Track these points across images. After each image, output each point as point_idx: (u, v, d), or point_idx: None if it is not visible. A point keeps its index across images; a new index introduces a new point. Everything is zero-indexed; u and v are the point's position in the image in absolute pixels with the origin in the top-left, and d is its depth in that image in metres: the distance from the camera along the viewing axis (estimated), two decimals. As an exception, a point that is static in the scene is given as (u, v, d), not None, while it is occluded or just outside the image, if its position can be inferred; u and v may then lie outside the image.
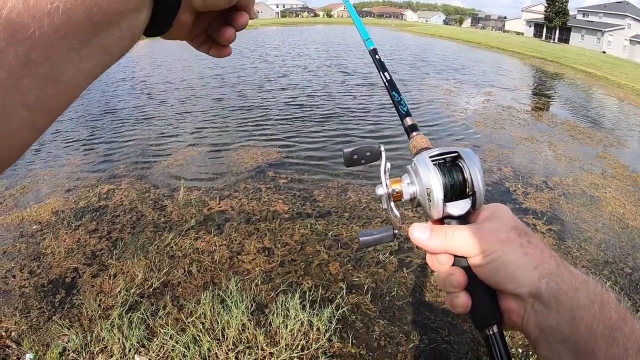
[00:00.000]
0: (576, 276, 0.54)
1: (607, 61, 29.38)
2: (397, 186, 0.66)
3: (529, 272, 0.53)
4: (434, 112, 10.66)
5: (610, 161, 7.80)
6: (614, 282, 4.22)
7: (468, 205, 0.63)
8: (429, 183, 0.61)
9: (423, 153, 0.66)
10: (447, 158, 0.65)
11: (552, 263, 0.54)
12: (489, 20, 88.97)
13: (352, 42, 32.07)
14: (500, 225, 0.58)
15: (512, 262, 0.55)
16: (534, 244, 0.56)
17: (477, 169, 0.62)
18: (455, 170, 0.63)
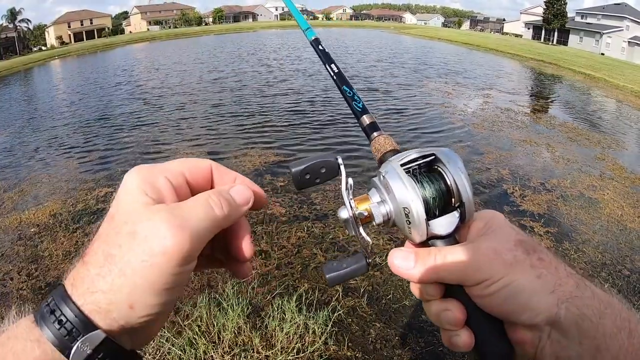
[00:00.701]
0: (600, 297, 0.45)
1: (605, 63, 29.37)
2: (364, 207, 0.54)
3: (545, 298, 0.44)
4: (433, 114, 10.68)
5: (609, 163, 7.80)
6: (612, 284, 4.21)
7: (456, 220, 0.52)
8: (405, 200, 0.50)
9: (392, 160, 0.54)
10: (422, 164, 0.55)
11: (570, 283, 0.46)
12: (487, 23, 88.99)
13: (351, 44, 32.15)
14: (502, 242, 0.48)
15: (525, 288, 0.45)
16: (546, 262, 0.47)
17: (462, 173, 0.52)
18: (434, 178, 0.53)
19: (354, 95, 0.69)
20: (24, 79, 25.44)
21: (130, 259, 0.40)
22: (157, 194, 0.44)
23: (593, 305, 0.44)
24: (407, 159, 0.54)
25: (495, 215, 0.53)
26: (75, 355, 0.38)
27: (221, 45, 35.34)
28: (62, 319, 0.39)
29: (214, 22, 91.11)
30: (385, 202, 0.53)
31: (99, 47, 46.61)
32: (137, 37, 57.30)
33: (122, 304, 0.40)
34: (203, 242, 0.43)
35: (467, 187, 0.51)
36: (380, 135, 0.64)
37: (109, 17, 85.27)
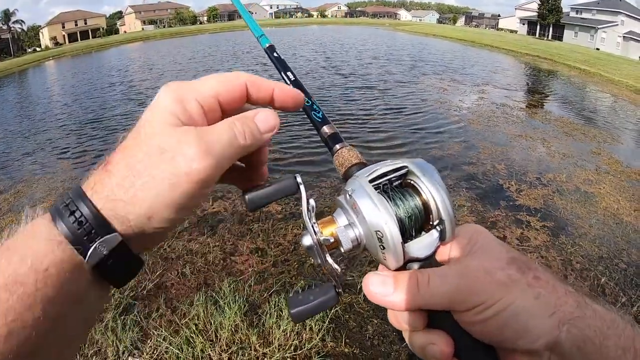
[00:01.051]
0: (602, 316, 0.41)
1: (600, 58, 29.48)
2: (330, 231, 0.49)
3: (545, 320, 0.40)
4: (428, 111, 10.67)
5: (604, 157, 7.82)
6: (609, 278, 4.22)
7: (436, 240, 0.47)
8: (377, 222, 0.45)
9: (359, 176, 0.49)
10: (393, 178, 0.50)
11: (570, 302, 0.41)
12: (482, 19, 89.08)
13: (347, 42, 32.12)
14: (493, 260, 0.44)
15: (523, 311, 0.41)
16: (543, 281, 0.42)
17: (440, 186, 0.47)
18: (409, 193, 0.48)
19: (313, 105, 0.63)
20: (18, 81, 25.34)
21: (155, 175, 0.41)
22: (187, 116, 0.44)
23: (595, 326, 0.41)
24: (375, 174, 0.49)
25: (479, 230, 0.49)
26: (91, 256, 0.40)
27: (216, 44, 35.25)
28: (82, 220, 0.40)
29: (209, 20, 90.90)
30: (353, 225, 0.48)
31: (94, 47, 46.45)
32: (132, 37, 57.10)
33: (141, 215, 0.41)
34: (224, 168, 0.44)
35: (447, 202, 0.47)
36: (344, 148, 0.58)
37: (103, 17, 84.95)
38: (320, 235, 0.48)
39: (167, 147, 0.41)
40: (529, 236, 4.86)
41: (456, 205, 5.45)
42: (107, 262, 0.40)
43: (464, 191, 5.89)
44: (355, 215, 0.47)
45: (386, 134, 8.58)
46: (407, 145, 7.94)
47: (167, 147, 0.41)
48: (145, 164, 0.41)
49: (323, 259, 0.49)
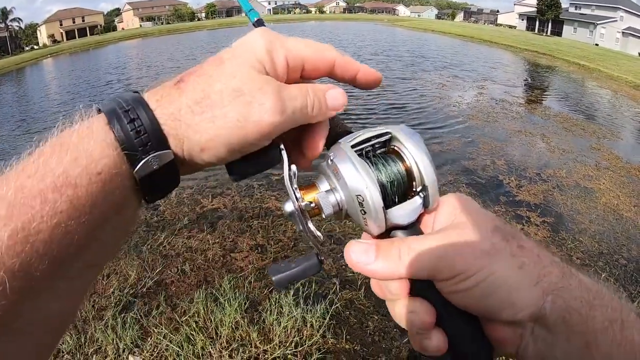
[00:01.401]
0: (588, 287, 0.40)
1: (599, 53, 29.43)
2: (311, 197, 0.48)
3: (529, 291, 0.39)
4: (427, 106, 10.65)
5: (604, 153, 7.82)
6: (609, 274, 4.23)
7: (419, 207, 0.46)
8: (358, 186, 0.43)
9: (341, 142, 0.47)
10: (376, 144, 0.48)
11: (555, 272, 0.40)
12: (481, 14, 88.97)
13: (345, 38, 32.06)
14: (476, 229, 0.42)
15: (505, 281, 0.39)
16: (527, 249, 0.41)
17: (423, 152, 0.46)
18: (392, 159, 0.47)
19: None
20: (16, 79, 25.25)
21: (227, 112, 0.41)
22: (272, 69, 0.44)
23: (581, 297, 0.39)
24: (358, 139, 0.47)
25: (463, 198, 0.47)
26: (141, 168, 0.39)
27: (214, 40, 35.20)
28: (141, 129, 0.39)
29: (207, 17, 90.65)
30: (335, 190, 0.47)
31: (91, 44, 46.31)
32: (130, 34, 56.98)
33: (197, 144, 0.41)
34: (285, 130, 0.44)
35: (430, 167, 0.46)
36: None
37: (101, 15, 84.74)
38: (301, 201, 0.47)
39: (246, 90, 0.41)
40: (529, 232, 4.86)
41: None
42: (153, 177, 0.40)
43: (464, 187, 5.88)
44: (336, 180, 0.46)
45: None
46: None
47: (246, 90, 0.41)
48: (222, 97, 0.41)
49: (305, 225, 0.48)
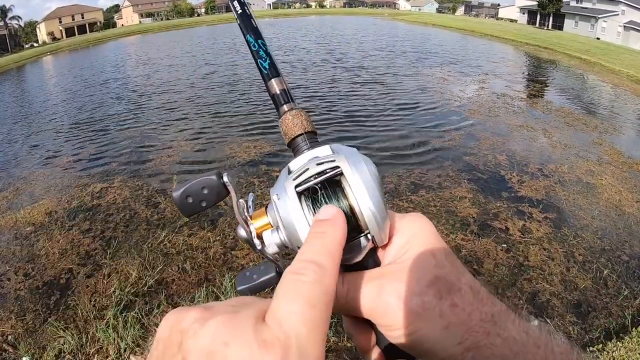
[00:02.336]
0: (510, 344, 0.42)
1: (601, 47, 29.29)
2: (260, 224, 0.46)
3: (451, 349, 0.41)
4: (429, 100, 10.63)
5: (606, 147, 7.79)
6: (611, 270, 4.21)
7: (366, 247, 0.44)
8: (297, 238, 0.42)
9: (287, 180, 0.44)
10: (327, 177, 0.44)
11: (480, 331, 0.41)
12: (482, 8, 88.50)
13: (347, 33, 31.90)
14: (413, 281, 0.41)
15: (429, 339, 0.41)
16: (460, 307, 0.41)
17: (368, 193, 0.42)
18: (338, 197, 0.43)
19: (260, 49, 0.54)
20: (16, 77, 25.23)
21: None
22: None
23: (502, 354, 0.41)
24: (305, 176, 0.43)
25: (417, 231, 0.46)
26: None
27: (214, 36, 35.08)
28: None
29: (207, 12, 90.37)
30: (279, 230, 0.45)
31: (91, 41, 46.23)
32: (129, 30, 56.83)
33: None
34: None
35: (375, 214, 0.42)
36: (290, 112, 0.51)
37: (100, 11, 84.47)
38: (253, 235, 0.46)
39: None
40: (531, 228, 4.84)
41: (457, 196, 5.44)
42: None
43: (466, 182, 5.86)
44: (280, 222, 0.44)
45: (387, 127, 8.55)
46: (408, 136, 7.89)
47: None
48: None
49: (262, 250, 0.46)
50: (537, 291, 3.92)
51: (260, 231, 0.46)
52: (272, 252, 0.46)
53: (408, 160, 6.74)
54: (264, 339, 0.28)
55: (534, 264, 4.27)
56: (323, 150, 0.47)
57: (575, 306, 3.77)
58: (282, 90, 0.52)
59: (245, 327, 0.29)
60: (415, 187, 5.76)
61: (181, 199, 0.46)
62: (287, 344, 0.28)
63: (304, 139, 0.50)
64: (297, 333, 0.29)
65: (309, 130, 0.50)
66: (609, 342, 3.30)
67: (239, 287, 0.48)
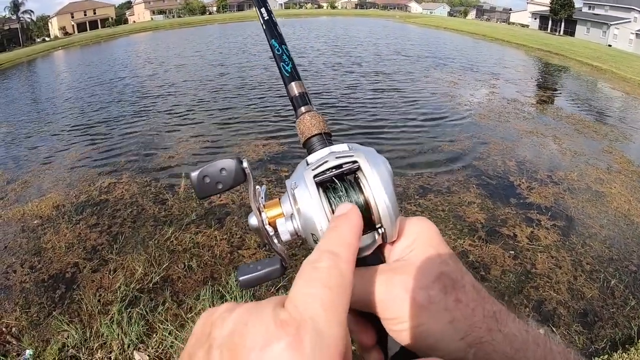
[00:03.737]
0: (512, 341, 0.43)
1: (612, 54, 29.11)
2: (273, 214, 0.47)
3: (454, 344, 0.41)
4: (438, 104, 10.59)
5: (616, 156, 7.72)
6: (618, 280, 4.17)
7: (375, 242, 0.45)
8: (314, 226, 0.43)
9: (306, 169, 0.45)
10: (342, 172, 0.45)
11: (483, 327, 0.42)
12: (494, 12, 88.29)
13: (360, 36, 31.84)
14: (420, 275, 0.42)
15: (434, 333, 0.41)
16: (463, 303, 0.42)
17: (384, 190, 0.44)
18: (353, 190, 0.45)
19: (283, 54, 0.57)
20: (27, 71, 25.42)
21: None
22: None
23: (503, 351, 0.42)
24: (323, 167, 0.45)
25: (422, 232, 0.47)
26: None
27: (225, 35, 35.17)
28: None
29: (218, 11, 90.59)
30: (294, 218, 0.45)
31: (102, 37, 46.53)
32: (141, 27, 57.07)
33: None
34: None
35: (390, 209, 0.43)
36: (307, 113, 0.53)
37: (112, 7, 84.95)
38: (265, 222, 0.47)
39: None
40: (539, 235, 4.81)
41: (466, 201, 5.41)
42: None
43: (474, 187, 5.83)
44: (295, 210, 0.45)
45: (394, 127, 8.53)
46: (417, 140, 7.87)
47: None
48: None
49: (270, 239, 0.47)
50: (544, 299, 3.89)
51: (273, 220, 0.47)
52: (285, 240, 0.46)
53: (417, 163, 6.72)
54: (281, 319, 0.29)
55: (542, 271, 4.24)
56: (340, 147, 0.48)
57: (582, 315, 3.74)
58: (301, 93, 0.55)
59: (265, 310, 0.31)
60: (424, 191, 5.74)
61: (199, 178, 0.47)
62: (303, 323, 0.29)
63: (321, 138, 0.52)
64: (313, 314, 0.30)
65: (325, 131, 0.52)
66: (615, 353, 3.27)
67: (240, 276, 0.47)
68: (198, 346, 0.32)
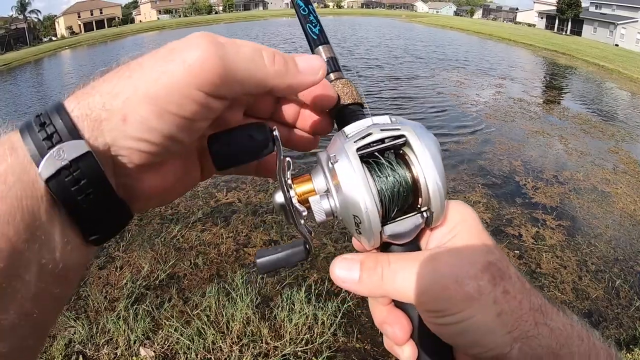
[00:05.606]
0: (557, 336, 0.41)
1: (619, 54, 28.95)
2: (304, 190, 0.42)
3: (500, 337, 0.39)
4: (444, 103, 10.58)
5: (622, 156, 7.69)
6: (623, 281, 4.16)
7: (420, 225, 0.42)
8: (357, 206, 0.38)
9: (347, 140, 0.40)
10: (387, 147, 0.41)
11: (530, 321, 0.40)
12: (500, 12, 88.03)
13: (367, 35, 31.79)
14: (467, 264, 0.40)
15: (481, 326, 0.39)
16: (511, 295, 0.40)
17: (436, 170, 0.40)
18: (400, 168, 0.41)
19: (310, 14, 0.50)
20: (34, 70, 25.56)
21: (146, 66, 0.33)
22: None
23: (548, 345, 0.40)
24: (367, 140, 0.40)
25: (464, 217, 0.44)
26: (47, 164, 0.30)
27: (233, 34, 35.13)
28: (46, 121, 0.31)
29: (224, 10, 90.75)
30: (330, 196, 0.41)
31: (109, 36, 46.71)
32: (147, 27, 57.28)
33: (115, 112, 0.32)
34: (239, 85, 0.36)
35: (441, 188, 0.40)
36: (339, 80, 0.48)
37: (119, 7, 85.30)
38: (295, 200, 0.41)
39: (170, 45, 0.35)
40: (544, 235, 4.80)
41: (471, 201, 5.41)
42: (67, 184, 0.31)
43: (480, 187, 5.83)
44: (334, 186, 0.41)
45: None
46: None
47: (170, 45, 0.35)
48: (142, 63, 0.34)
49: (297, 220, 0.42)
50: (548, 299, 3.88)
51: (303, 197, 0.42)
52: (319, 221, 0.42)
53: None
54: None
55: (546, 271, 4.24)
56: (383, 119, 0.43)
57: (586, 316, 3.73)
58: (331, 57, 0.49)
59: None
60: (429, 191, 5.72)
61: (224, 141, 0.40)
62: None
63: (358, 108, 0.47)
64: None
65: (359, 101, 0.47)
66: (619, 354, 3.26)
67: (257, 258, 0.44)
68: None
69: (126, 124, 0.32)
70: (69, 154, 0.30)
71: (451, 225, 0.43)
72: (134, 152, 0.34)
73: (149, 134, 0.33)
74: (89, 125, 0.32)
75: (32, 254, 0.29)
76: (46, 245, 0.30)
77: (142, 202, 0.38)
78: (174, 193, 0.42)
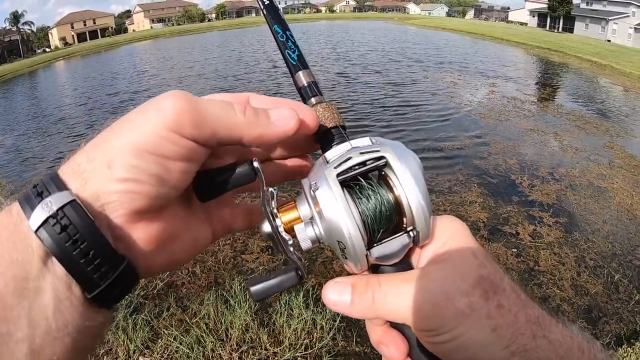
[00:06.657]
0: (556, 348, 0.40)
1: (612, 50, 29.05)
2: (289, 218, 0.43)
3: (497, 353, 0.39)
4: (438, 104, 10.60)
5: (617, 151, 7.71)
6: (622, 275, 4.17)
7: (407, 245, 0.42)
8: (340, 232, 0.39)
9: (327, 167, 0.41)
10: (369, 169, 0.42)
11: (527, 333, 0.39)
12: (492, 12, 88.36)
13: (360, 39, 31.85)
14: (459, 280, 0.40)
15: (476, 343, 0.39)
16: (505, 309, 0.39)
17: (418, 190, 0.40)
18: (382, 191, 0.41)
19: (288, 40, 0.50)
20: (28, 82, 25.54)
21: (124, 119, 0.36)
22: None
23: (548, 358, 0.39)
24: (347, 164, 0.41)
25: (454, 232, 0.44)
26: (35, 215, 0.32)
27: (225, 41, 35.26)
28: (38, 182, 0.34)
29: (217, 17, 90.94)
30: (314, 223, 0.42)
31: (103, 46, 46.77)
32: (141, 36, 57.32)
33: (99, 160, 0.34)
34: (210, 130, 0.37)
35: (424, 208, 0.40)
36: (320, 104, 0.48)
37: (112, 17, 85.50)
38: (281, 229, 0.42)
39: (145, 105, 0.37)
40: (541, 232, 4.81)
41: (468, 201, 5.41)
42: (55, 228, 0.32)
43: (476, 187, 5.84)
44: (316, 213, 0.41)
45: (396, 128, 8.53)
46: (417, 139, 7.87)
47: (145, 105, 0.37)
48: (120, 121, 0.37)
49: (285, 249, 0.42)
50: (548, 296, 3.89)
51: (289, 225, 0.43)
52: (305, 248, 0.43)
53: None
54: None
55: (545, 268, 4.24)
56: (362, 141, 0.44)
57: (586, 311, 3.73)
58: (310, 82, 0.49)
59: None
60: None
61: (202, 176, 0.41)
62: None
63: (338, 132, 0.47)
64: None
65: (340, 124, 0.47)
66: (620, 348, 3.27)
67: (250, 286, 0.43)
68: None
69: (111, 169, 0.34)
70: (56, 204, 0.32)
71: (441, 241, 0.43)
72: (124, 195, 0.34)
73: (133, 173, 0.34)
74: (75, 178, 0.34)
75: (23, 310, 0.30)
76: (37, 301, 0.31)
77: (145, 258, 0.38)
78: (180, 251, 0.43)
